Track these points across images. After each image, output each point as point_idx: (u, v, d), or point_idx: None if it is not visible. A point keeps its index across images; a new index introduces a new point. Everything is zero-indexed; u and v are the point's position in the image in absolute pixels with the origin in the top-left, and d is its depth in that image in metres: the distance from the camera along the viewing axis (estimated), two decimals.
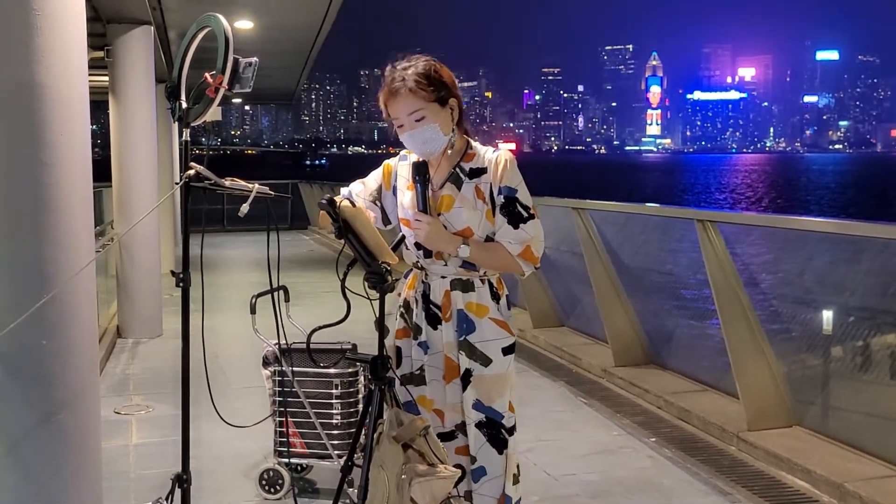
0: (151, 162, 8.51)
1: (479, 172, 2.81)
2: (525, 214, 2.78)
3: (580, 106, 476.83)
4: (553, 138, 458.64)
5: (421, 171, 2.76)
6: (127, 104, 8.32)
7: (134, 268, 8.30)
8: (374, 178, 2.98)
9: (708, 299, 6.36)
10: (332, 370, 4.16)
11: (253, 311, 4.18)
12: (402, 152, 2.95)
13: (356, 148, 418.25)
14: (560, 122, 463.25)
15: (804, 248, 5.47)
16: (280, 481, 4.24)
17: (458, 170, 2.82)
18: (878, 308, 5.13)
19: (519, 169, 2.84)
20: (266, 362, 4.28)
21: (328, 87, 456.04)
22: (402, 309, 2.91)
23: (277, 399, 4.26)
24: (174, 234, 14.14)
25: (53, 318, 2.91)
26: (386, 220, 2.96)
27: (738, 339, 5.13)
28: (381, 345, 2.72)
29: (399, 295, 2.92)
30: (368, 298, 2.69)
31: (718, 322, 5.98)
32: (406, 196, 2.86)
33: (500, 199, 2.78)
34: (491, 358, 2.81)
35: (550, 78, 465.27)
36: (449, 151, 2.82)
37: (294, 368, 4.14)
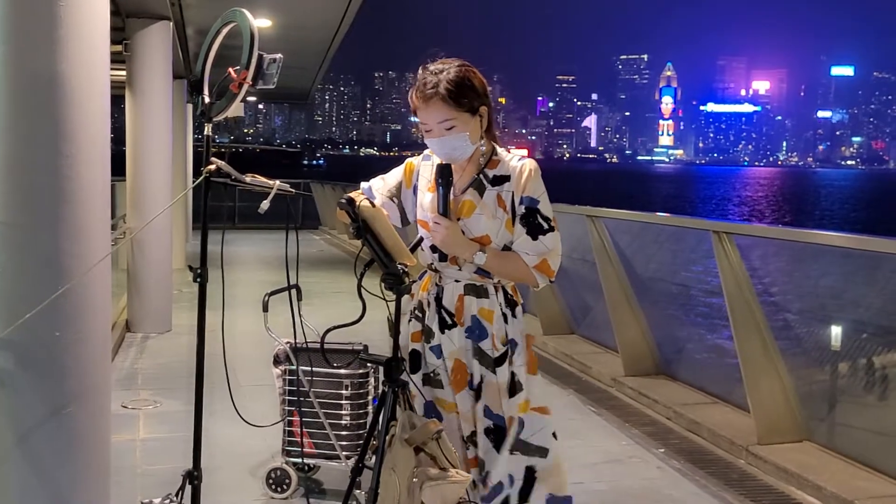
0: (166, 157, 8.52)
1: (502, 180, 2.79)
2: (545, 226, 2.76)
3: (594, 114, 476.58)
4: (565, 146, 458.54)
5: (444, 174, 2.74)
6: (143, 99, 8.34)
7: (145, 262, 8.32)
8: (395, 175, 2.96)
9: (718, 311, 6.33)
10: (342, 370, 4.15)
11: (265, 309, 4.18)
12: (426, 152, 2.92)
13: (368, 150, 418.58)
14: (573, 130, 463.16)
15: (818, 262, 5.45)
16: (287, 481, 4.22)
17: (481, 176, 2.80)
18: (893, 325, 5.10)
19: None
20: (277, 361, 4.27)
21: (342, 89, 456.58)
22: (416, 312, 2.89)
23: (287, 398, 4.24)
24: (186, 230, 14.17)
25: (68, 311, 2.91)
26: (405, 219, 2.94)
27: (751, 352, 5.10)
28: (396, 347, 2.70)
29: (412, 296, 2.90)
30: (385, 299, 2.67)
31: (729, 334, 5.96)
32: (426, 197, 2.84)
33: (520, 209, 2.76)
34: (497, 365, 2.80)
35: (564, 85, 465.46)
36: (481, 159, 2.81)
37: (305, 368, 4.13)
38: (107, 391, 3.18)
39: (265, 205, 2.58)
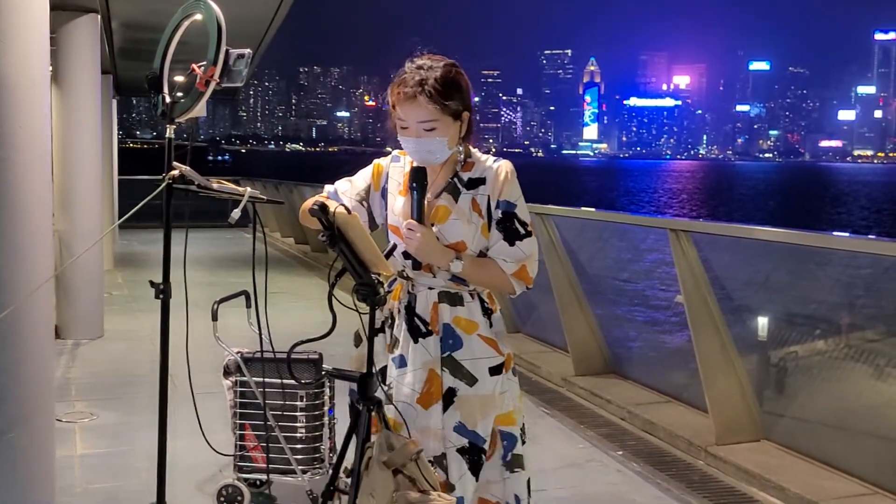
0: (95, 156, 8.16)
1: (477, 183, 2.63)
2: (522, 231, 2.62)
3: (519, 109, 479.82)
4: (491, 140, 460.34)
5: (419, 178, 2.57)
6: (71, 95, 7.95)
7: (74, 265, 7.94)
8: (363, 177, 2.78)
9: (668, 308, 6.30)
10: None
11: (214, 317, 3.97)
12: (395, 153, 2.76)
13: (294, 145, 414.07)
14: (498, 125, 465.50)
15: (767, 258, 5.43)
16: (239, 498, 4.01)
17: (456, 180, 2.64)
18: (845, 321, 5.11)
19: None
20: (227, 372, 4.05)
21: (267, 84, 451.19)
22: (388, 321, 2.72)
23: (239, 411, 4.03)
24: (114, 231, 13.71)
25: (7, 328, 2.67)
26: (372, 223, 2.76)
27: (709, 350, 5.05)
28: (371, 362, 2.52)
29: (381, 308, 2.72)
30: (357, 311, 2.50)
31: (679, 331, 5.91)
32: (398, 201, 2.67)
33: (497, 214, 2.61)
34: (477, 377, 2.63)
35: (489, 80, 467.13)
36: (457, 164, 2.65)
37: (257, 379, 3.92)
38: (50, 413, 2.94)
39: (236, 213, 2.37)
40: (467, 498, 2.63)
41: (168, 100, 2.34)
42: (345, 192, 2.75)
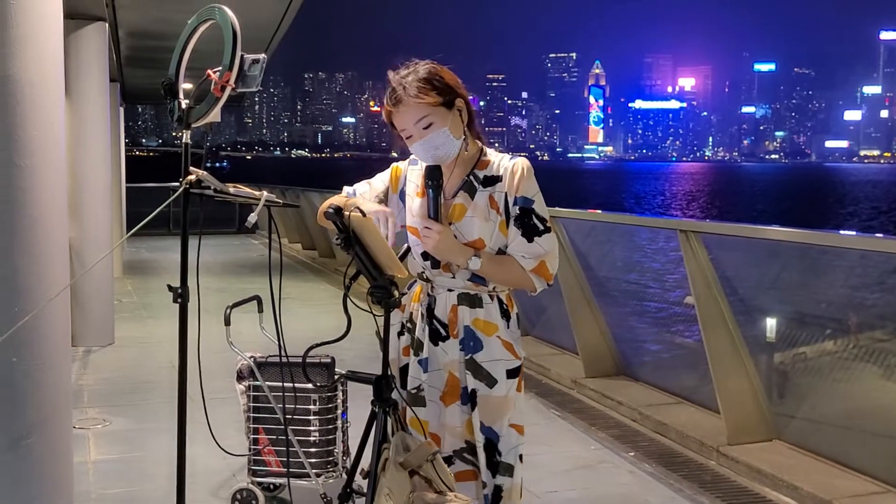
0: (105, 163, 8.20)
1: (493, 180, 2.65)
2: (541, 227, 2.62)
3: (524, 112, 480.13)
4: (497, 144, 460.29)
5: (434, 176, 2.58)
6: (79, 103, 7.99)
7: (86, 273, 7.98)
8: (381, 179, 2.80)
9: (677, 309, 6.30)
10: (309, 385, 3.97)
11: (227, 322, 3.98)
12: (413, 156, 2.78)
13: (300, 151, 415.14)
14: (504, 129, 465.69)
15: (777, 258, 5.43)
16: (254, 502, 4.03)
17: (471, 177, 2.65)
18: (856, 321, 5.11)
19: None
20: (240, 377, 4.07)
21: (272, 90, 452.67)
22: (408, 324, 2.74)
23: (252, 415, 4.05)
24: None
25: (25, 334, 2.69)
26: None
27: (720, 350, 5.05)
28: (385, 364, 2.54)
29: (402, 309, 2.75)
30: (372, 313, 2.51)
31: (689, 332, 5.91)
32: (415, 202, 2.69)
33: (515, 210, 2.62)
34: (496, 379, 2.66)
35: (495, 84, 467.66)
36: (466, 154, 2.66)
37: (271, 384, 3.94)
38: (68, 418, 2.96)
39: (253, 217, 2.39)
40: (490, 486, 2.67)
41: (184, 105, 2.36)
42: (364, 195, 2.77)
